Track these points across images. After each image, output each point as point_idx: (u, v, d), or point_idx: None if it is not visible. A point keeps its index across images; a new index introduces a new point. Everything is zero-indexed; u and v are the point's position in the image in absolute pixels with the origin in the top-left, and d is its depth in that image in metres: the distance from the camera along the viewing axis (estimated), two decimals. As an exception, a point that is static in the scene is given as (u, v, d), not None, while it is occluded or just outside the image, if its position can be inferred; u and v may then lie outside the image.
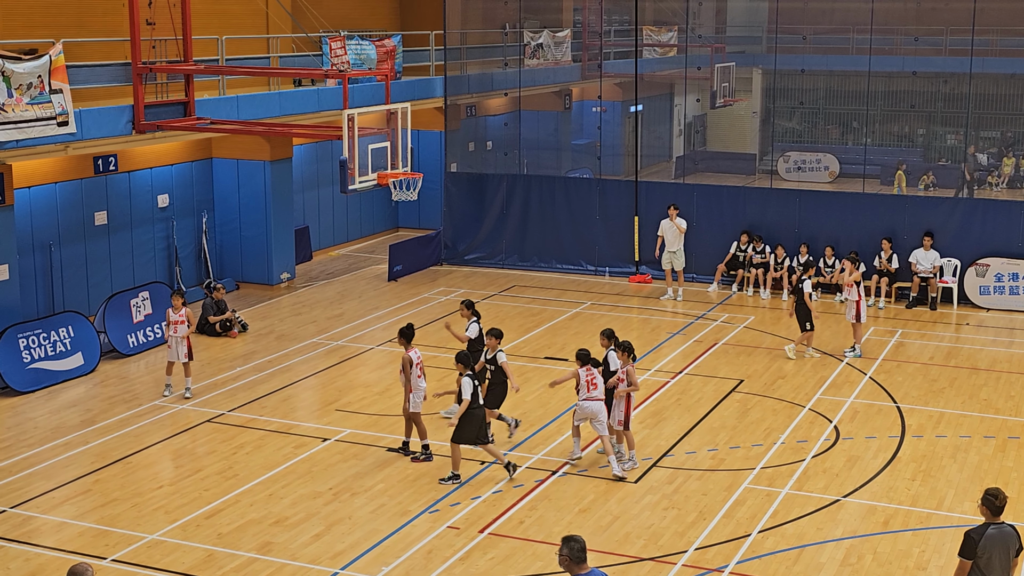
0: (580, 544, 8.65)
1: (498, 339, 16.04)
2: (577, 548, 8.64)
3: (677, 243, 24.56)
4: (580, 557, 8.64)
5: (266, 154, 24.55)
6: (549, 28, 31.26)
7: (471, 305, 17.29)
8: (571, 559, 8.66)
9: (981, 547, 9.64)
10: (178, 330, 18.08)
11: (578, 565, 8.66)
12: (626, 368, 15.09)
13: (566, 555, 8.68)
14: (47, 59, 17.71)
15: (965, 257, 23.96)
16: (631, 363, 15.14)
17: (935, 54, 33.43)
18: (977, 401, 18.22)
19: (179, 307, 18.15)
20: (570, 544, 8.67)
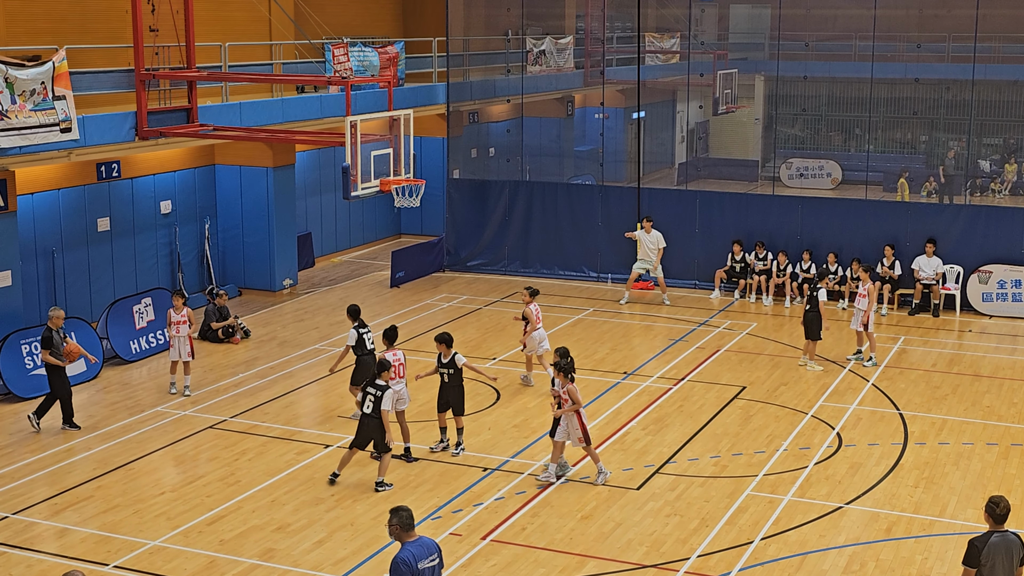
0: (408, 513, 9.45)
1: (448, 345, 16.04)
2: (406, 516, 9.44)
3: (650, 256, 24.66)
4: (408, 524, 9.45)
5: (269, 160, 24.58)
6: (551, 35, 31.27)
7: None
8: (400, 527, 9.43)
9: (985, 555, 9.63)
10: (180, 330, 18.32)
11: (407, 533, 9.46)
12: (566, 388, 14.73)
13: (396, 524, 9.44)
14: (50, 66, 17.74)
15: (968, 264, 23.96)
16: (570, 383, 14.75)
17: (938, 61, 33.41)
18: (980, 408, 18.19)
19: (180, 307, 18.35)
20: (399, 514, 9.44)
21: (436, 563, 9.54)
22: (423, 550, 9.45)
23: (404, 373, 15.82)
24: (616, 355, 21.10)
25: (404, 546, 9.42)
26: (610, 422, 17.43)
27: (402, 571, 9.27)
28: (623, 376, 19.69)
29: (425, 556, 9.43)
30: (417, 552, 9.39)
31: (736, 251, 25.10)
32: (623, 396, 18.64)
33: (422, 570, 9.35)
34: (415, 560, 9.32)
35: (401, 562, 9.29)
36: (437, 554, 9.57)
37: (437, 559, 9.55)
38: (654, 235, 24.73)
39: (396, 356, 15.71)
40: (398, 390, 15.58)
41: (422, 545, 9.48)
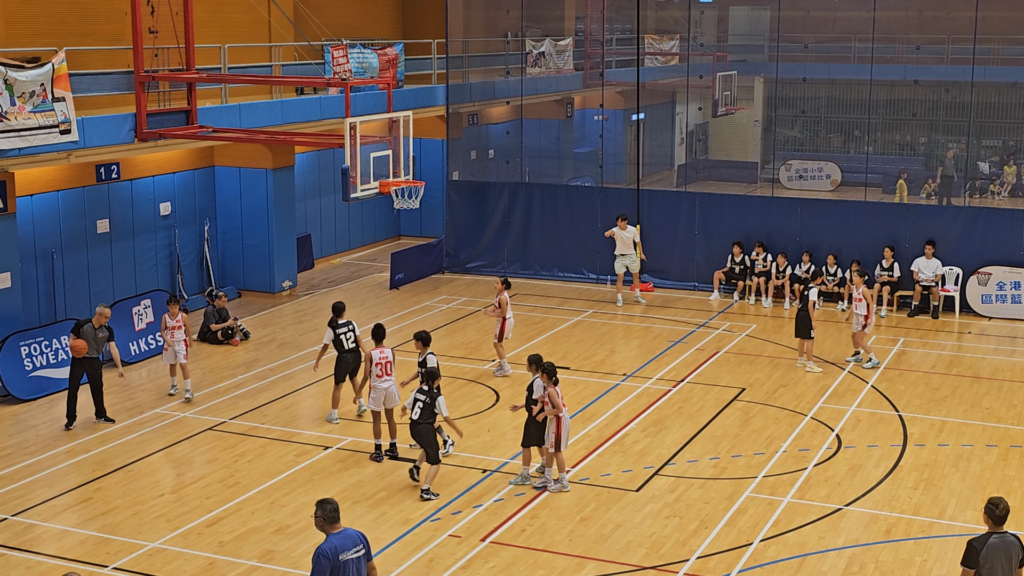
0: (333, 506, 9.55)
1: (425, 343, 16.07)
2: (330, 509, 9.54)
3: (628, 248, 24.67)
4: (333, 517, 9.55)
5: (268, 162, 24.58)
6: (551, 37, 31.28)
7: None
8: (324, 519, 9.54)
9: (983, 556, 9.64)
10: (175, 335, 18.28)
11: (331, 525, 9.55)
12: (548, 391, 14.61)
13: (320, 516, 9.54)
14: (50, 67, 17.74)
15: (967, 266, 23.96)
16: (552, 385, 14.61)
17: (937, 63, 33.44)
18: (979, 410, 18.20)
19: (175, 314, 18.31)
20: (323, 507, 9.54)
21: (361, 554, 9.65)
22: (347, 541, 9.56)
23: (392, 371, 15.78)
24: (615, 357, 21.11)
25: (328, 538, 9.54)
26: (609, 424, 17.43)
27: (322, 563, 9.40)
28: (622, 378, 19.69)
29: (349, 548, 9.54)
30: (340, 543, 9.50)
31: (736, 253, 25.11)
32: (622, 398, 18.64)
33: (344, 561, 9.46)
34: (336, 552, 9.44)
35: (321, 554, 9.43)
36: (362, 545, 9.68)
37: (362, 550, 9.66)
38: (629, 231, 24.76)
39: (383, 354, 15.71)
40: (386, 388, 15.61)
41: (346, 537, 9.59)
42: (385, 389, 15.64)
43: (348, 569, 9.47)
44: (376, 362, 15.58)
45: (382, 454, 15.89)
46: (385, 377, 15.66)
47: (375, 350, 15.75)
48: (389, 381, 15.72)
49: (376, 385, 15.59)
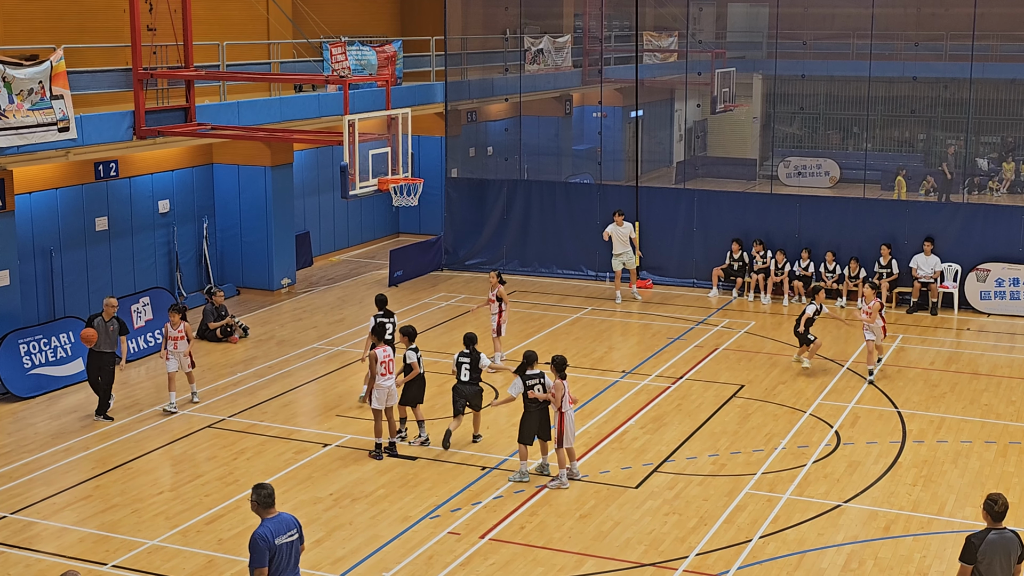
0: (268, 491, 9.86)
1: (411, 338, 16.15)
2: (265, 495, 9.84)
3: (624, 246, 24.69)
4: (268, 502, 9.85)
5: (267, 160, 24.57)
6: (550, 34, 31.26)
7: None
8: (259, 504, 9.84)
9: (982, 552, 9.64)
10: (178, 346, 17.77)
11: (266, 510, 9.85)
12: (554, 383, 14.63)
13: (255, 501, 9.86)
14: (48, 65, 17.73)
15: (966, 262, 23.96)
16: (560, 379, 14.63)
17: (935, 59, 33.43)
18: (978, 406, 18.21)
19: (177, 323, 17.76)
20: (259, 492, 9.85)
21: (295, 538, 9.94)
22: (281, 526, 9.83)
23: (393, 369, 15.77)
24: (614, 354, 21.11)
25: (263, 522, 9.81)
26: (608, 421, 17.43)
27: (259, 546, 9.66)
28: (621, 375, 19.70)
29: (283, 532, 9.82)
30: (275, 528, 9.77)
31: (735, 250, 25.11)
32: (621, 395, 18.64)
33: (279, 545, 9.75)
34: (272, 535, 9.71)
35: (259, 537, 9.69)
36: (296, 530, 9.95)
37: (296, 534, 9.93)
38: (626, 227, 24.77)
39: (386, 352, 15.70)
40: (388, 386, 15.60)
41: (281, 521, 9.87)
42: (388, 388, 15.64)
43: (283, 552, 9.78)
44: (381, 361, 15.55)
45: (382, 452, 15.89)
46: (388, 375, 15.66)
47: (379, 349, 15.72)
48: (391, 379, 15.73)
49: (380, 384, 15.57)
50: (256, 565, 9.66)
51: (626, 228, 24.78)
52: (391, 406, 15.87)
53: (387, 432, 16.02)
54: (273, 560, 9.70)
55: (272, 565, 9.70)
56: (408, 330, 16.29)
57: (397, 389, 15.99)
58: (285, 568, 9.80)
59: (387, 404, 15.75)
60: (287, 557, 9.81)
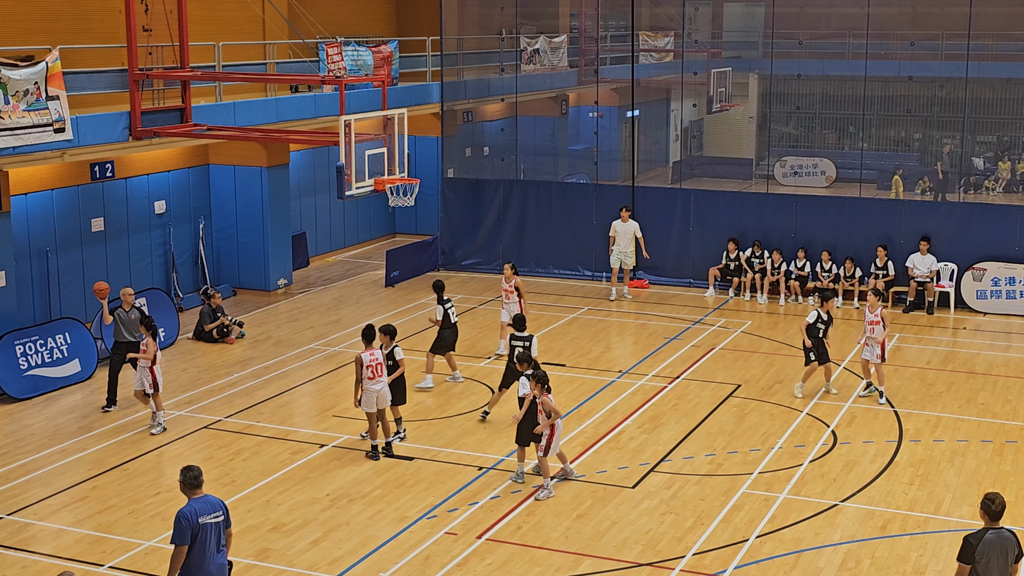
0: (195, 472, 10.30)
1: (391, 336, 16.13)
2: (191, 476, 10.28)
3: (628, 244, 24.75)
4: (194, 483, 10.28)
5: (263, 160, 24.55)
6: (546, 34, 31.28)
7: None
8: (186, 485, 10.29)
9: (979, 552, 9.65)
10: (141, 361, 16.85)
11: (192, 491, 10.27)
12: (542, 399, 14.49)
13: (182, 482, 10.30)
14: (44, 66, 17.71)
15: (962, 261, 23.99)
16: (546, 394, 14.52)
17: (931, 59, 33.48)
18: (974, 405, 18.22)
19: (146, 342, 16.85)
20: (186, 473, 10.28)
21: (221, 519, 10.35)
22: (207, 506, 10.25)
23: (383, 372, 15.67)
24: (611, 353, 21.12)
25: (189, 502, 10.25)
26: (605, 420, 17.44)
27: (182, 524, 10.11)
28: (618, 375, 19.70)
29: (208, 512, 10.23)
30: (200, 508, 10.20)
31: (731, 249, 25.12)
32: (618, 395, 18.65)
33: (203, 524, 10.18)
34: (196, 515, 10.15)
35: (182, 516, 10.14)
36: (222, 511, 10.35)
37: (222, 516, 10.34)
38: (631, 224, 24.82)
39: (373, 356, 15.62)
40: (377, 389, 15.54)
41: (206, 502, 10.28)
42: (377, 391, 15.57)
43: (207, 532, 10.20)
44: (367, 365, 15.51)
45: (379, 453, 15.87)
46: (377, 379, 15.57)
47: (365, 352, 15.61)
48: (380, 383, 15.60)
49: (368, 388, 15.52)
50: (177, 541, 10.12)
51: (631, 225, 24.82)
52: (383, 408, 15.78)
53: (382, 434, 15.99)
54: (196, 539, 10.14)
55: (196, 544, 10.14)
56: (388, 329, 16.23)
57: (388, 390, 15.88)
58: (209, 548, 10.23)
59: (379, 406, 15.68)
60: (211, 537, 10.23)
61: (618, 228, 24.87)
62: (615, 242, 24.89)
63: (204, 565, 10.20)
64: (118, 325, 17.79)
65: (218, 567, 10.33)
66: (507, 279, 20.22)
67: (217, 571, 10.32)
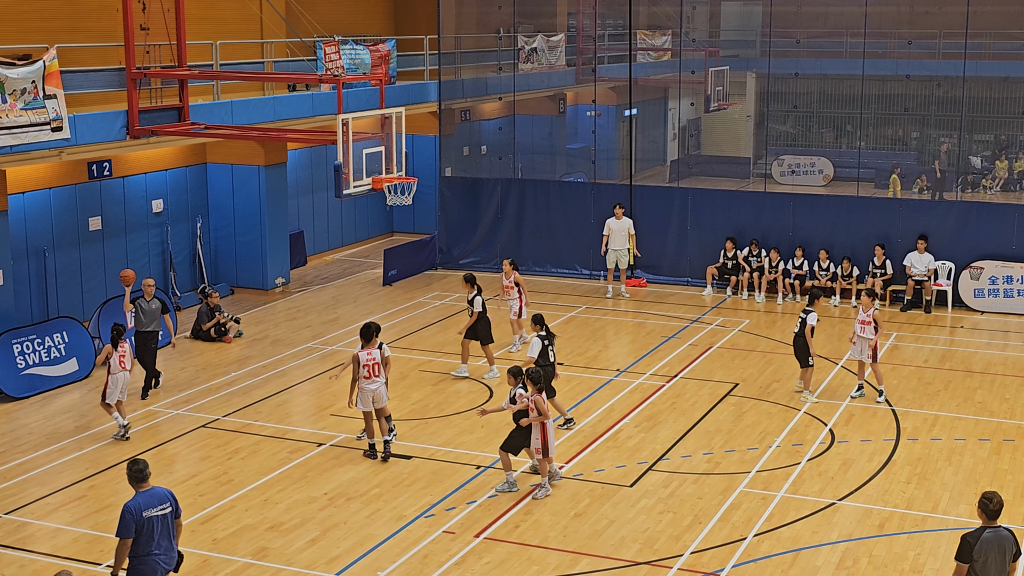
0: (141, 466, 10.46)
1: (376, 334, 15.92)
2: (137, 470, 10.45)
3: (623, 243, 24.78)
4: (140, 477, 10.45)
5: (260, 159, 24.54)
6: (543, 32, 31.27)
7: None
8: (132, 478, 10.45)
9: (977, 551, 9.66)
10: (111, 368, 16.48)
11: (139, 484, 10.46)
12: (534, 398, 14.43)
13: (128, 475, 10.46)
14: (41, 64, 17.69)
15: (959, 260, 24.00)
16: (539, 393, 14.45)
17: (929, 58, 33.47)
18: (972, 404, 18.23)
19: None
20: (131, 467, 10.47)
21: (168, 511, 10.52)
22: (152, 499, 10.42)
23: (380, 372, 15.61)
24: (608, 352, 21.12)
25: (135, 495, 10.42)
26: (603, 419, 17.44)
27: (126, 517, 10.28)
28: (616, 373, 19.71)
29: (155, 505, 10.40)
30: (145, 501, 10.37)
31: (728, 248, 25.13)
32: (616, 393, 18.65)
33: (149, 518, 10.35)
34: (141, 509, 10.32)
35: (127, 510, 10.31)
36: (169, 503, 10.52)
37: (169, 508, 10.51)
38: (625, 222, 24.84)
39: (370, 355, 15.58)
40: (373, 389, 15.49)
41: (152, 495, 10.45)
42: (373, 391, 15.53)
43: (154, 524, 10.36)
44: (363, 364, 15.47)
45: (376, 452, 15.86)
46: (373, 379, 15.52)
47: (362, 351, 15.57)
48: (377, 382, 15.53)
49: (363, 387, 15.47)
50: (121, 535, 10.29)
51: (625, 222, 24.85)
52: (380, 407, 15.70)
53: (379, 433, 15.94)
54: (143, 531, 10.29)
55: (142, 536, 10.30)
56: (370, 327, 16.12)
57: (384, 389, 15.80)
58: (156, 539, 10.41)
59: (376, 405, 15.64)
60: (159, 529, 10.40)
61: (612, 226, 24.90)
62: (609, 240, 24.91)
63: (151, 557, 10.39)
64: (139, 314, 18.32)
65: (165, 558, 10.50)
66: (507, 275, 20.31)
67: (164, 561, 10.49)
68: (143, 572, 10.40)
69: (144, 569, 10.39)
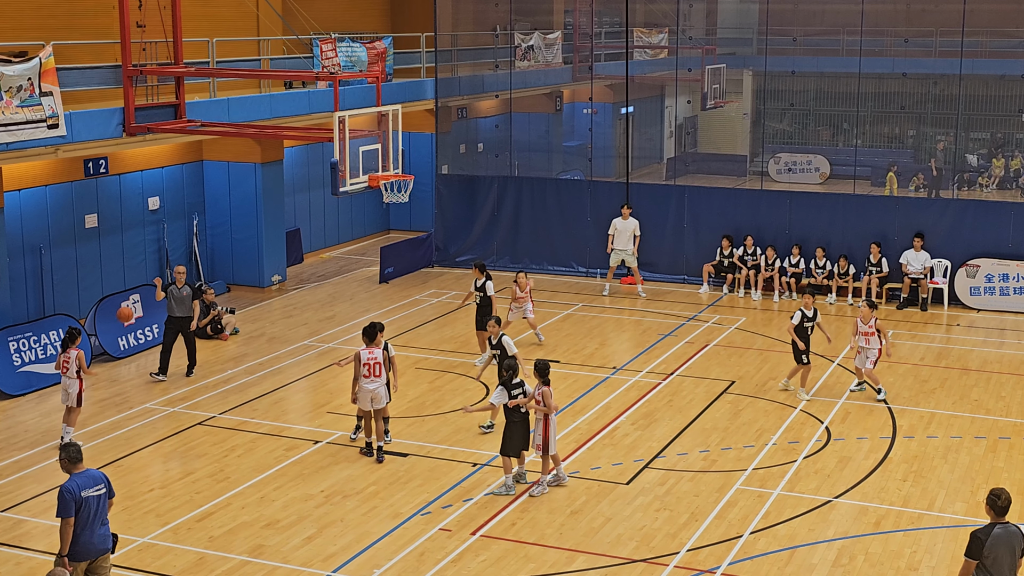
0: (76, 448, 10.81)
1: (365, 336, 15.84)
2: (73, 451, 10.79)
3: (628, 243, 24.81)
4: (76, 458, 10.78)
5: (257, 156, 24.53)
6: (540, 30, 31.26)
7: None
8: (68, 461, 10.75)
9: (988, 547, 9.65)
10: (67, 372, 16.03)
11: (74, 465, 10.78)
12: (541, 390, 14.40)
13: (64, 459, 10.77)
14: (37, 61, 17.67)
15: (956, 258, 24.02)
16: (545, 385, 14.40)
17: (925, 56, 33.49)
18: (968, 402, 18.25)
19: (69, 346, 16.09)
20: (67, 450, 10.77)
21: (102, 492, 10.90)
22: (89, 480, 10.78)
23: (381, 372, 15.61)
24: (605, 350, 21.13)
25: (71, 477, 10.74)
26: (599, 417, 17.45)
27: (66, 498, 10.60)
28: (612, 371, 19.71)
29: (91, 486, 10.76)
30: (82, 482, 10.71)
31: (725, 246, 25.14)
32: (612, 391, 18.66)
33: (86, 498, 10.70)
34: (79, 489, 10.66)
35: (65, 490, 10.63)
36: (103, 484, 10.90)
37: (103, 488, 10.89)
38: (631, 222, 24.85)
39: (372, 354, 15.55)
40: (372, 389, 15.46)
41: (88, 476, 10.80)
42: (372, 391, 15.48)
43: (90, 504, 10.72)
44: (364, 362, 15.44)
45: (374, 450, 15.83)
46: (372, 378, 15.49)
47: (364, 350, 15.54)
48: (377, 383, 15.48)
49: (363, 386, 15.44)
50: (61, 515, 10.61)
51: (631, 222, 24.84)
52: (378, 408, 15.61)
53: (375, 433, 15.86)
54: (80, 511, 10.65)
55: (80, 516, 10.65)
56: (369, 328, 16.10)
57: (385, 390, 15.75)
58: (93, 519, 10.77)
59: (374, 406, 15.59)
60: (94, 509, 10.76)
61: (618, 225, 24.92)
62: (614, 239, 24.91)
63: (88, 535, 10.76)
64: (170, 301, 19.14)
65: (101, 537, 10.91)
66: (522, 287, 20.60)
67: (100, 541, 10.90)
68: (76, 552, 10.77)
69: (77, 549, 10.77)
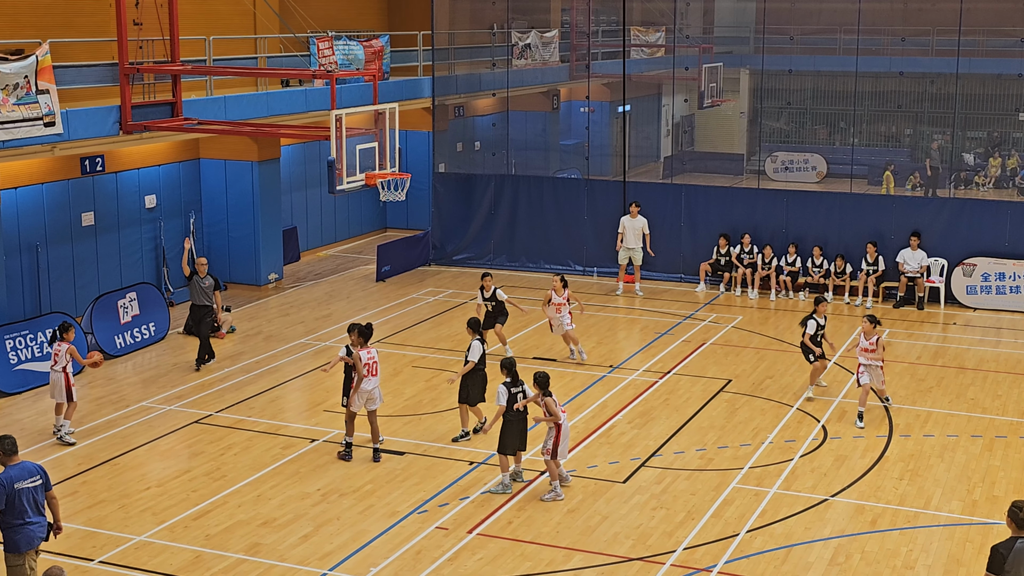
0: (11, 440, 11.01)
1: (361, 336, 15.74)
2: (8, 443, 10.98)
3: (636, 241, 24.80)
4: (11, 450, 10.98)
5: (254, 155, 24.51)
6: (537, 28, 31.25)
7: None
8: (3, 452, 10.95)
9: (1010, 562, 9.49)
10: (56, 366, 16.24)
11: (9, 457, 10.97)
12: (544, 401, 14.32)
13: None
14: (33, 59, 17.65)
15: (952, 257, 24.04)
16: (547, 396, 14.27)
17: (922, 55, 33.52)
18: (964, 400, 18.27)
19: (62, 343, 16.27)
20: (3, 442, 10.96)
21: (38, 484, 11.10)
22: (23, 472, 10.99)
23: (377, 372, 15.61)
24: (602, 348, 21.12)
25: (6, 469, 10.94)
26: (596, 415, 17.45)
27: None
28: (609, 370, 19.72)
29: (25, 478, 10.97)
30: (16, 474, 10.93)
31: (722, 245, 25.15)
32: (609, 389, 18.66)
33: (20, 489, 10.93)
34: (12, 481, 10.88)
35: None
36: (39, 475, 11.10)
37: (39, 480, 11.09)
38: (640, 220, 24.85)
39: (370, 354, 15.54)
40: (370, 389, 15.46)
41: (23, 468, 11.02)
42: (370, 391, 15.50)
43: (24, 496, 10.92)
44: (364, 363, 15.42)
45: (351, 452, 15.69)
46: (370, 378, 15.51)
47: (363, 350, 15.53)
48: (374, 382, 15.55)
49: (363, 386, 15.44)
50: None
51: (639, 221, 24.85)
52: (373, 409, 15.58)
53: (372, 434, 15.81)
54: (15, 502, 10.86)
55: (15, 507, 10.87)
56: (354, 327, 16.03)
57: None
58: (27, 509, 10.96)
59: (368, 407, 15.54)
60: (29, 500, 10.95)
61: (627, 224, 24.93)
62: (623, 238, 24.94)
63: (25, 527, 10.97)
64: (194, 291, 19.85)
65: (37, 526, 11.08)
66: (558, 292, 19.70)
67: (36, 530, 11.08)
68: (17, 542, 10.98)
69: (18, 539, 10.97)
